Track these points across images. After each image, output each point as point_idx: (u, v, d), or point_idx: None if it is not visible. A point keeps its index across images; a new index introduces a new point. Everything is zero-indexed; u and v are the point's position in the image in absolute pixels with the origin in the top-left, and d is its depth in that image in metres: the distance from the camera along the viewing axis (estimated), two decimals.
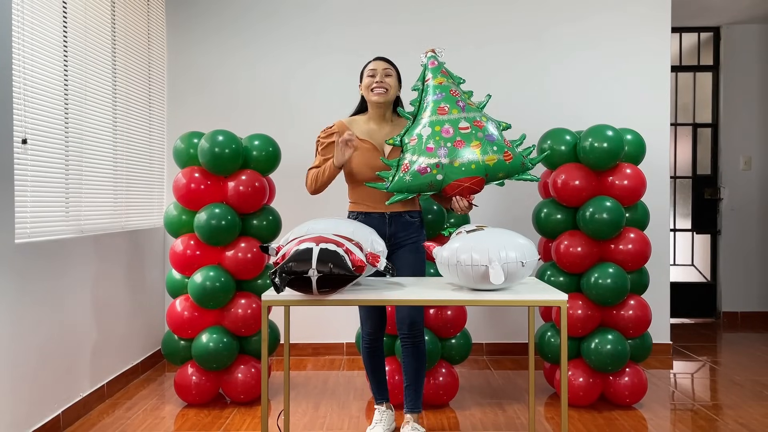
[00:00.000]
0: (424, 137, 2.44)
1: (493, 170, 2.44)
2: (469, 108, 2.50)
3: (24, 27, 2.59)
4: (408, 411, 2.71)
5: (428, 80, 2.56)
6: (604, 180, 3.14)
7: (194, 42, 4.17)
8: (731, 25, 5.28)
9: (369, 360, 2.79)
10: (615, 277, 3.03)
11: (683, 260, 5.50)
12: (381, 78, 2.63)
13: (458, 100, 2.50)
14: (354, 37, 4.15)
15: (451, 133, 2.43)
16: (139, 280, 3.74)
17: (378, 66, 2.65)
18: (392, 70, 2.67)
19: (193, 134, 3.26)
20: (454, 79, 2.58)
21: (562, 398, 2.03)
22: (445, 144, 2.41)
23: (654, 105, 4.14)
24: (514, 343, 4.19)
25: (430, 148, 2.41)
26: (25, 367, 2.56)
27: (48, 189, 2.78)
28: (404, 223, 2.68)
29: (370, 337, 2.76)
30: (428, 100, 2.52)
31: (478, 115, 2.49)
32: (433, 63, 2.59)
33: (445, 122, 2.45)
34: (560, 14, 4.15)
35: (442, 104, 2.48)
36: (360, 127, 2.69)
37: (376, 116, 2.69)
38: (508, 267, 2.03)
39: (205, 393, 3.15)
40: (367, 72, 2.67)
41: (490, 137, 2.45)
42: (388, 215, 2.65)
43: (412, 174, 2.42)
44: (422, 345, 2.69)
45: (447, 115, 2.46)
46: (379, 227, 2.63)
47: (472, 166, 2.41)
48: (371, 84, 2.63)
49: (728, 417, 3.01)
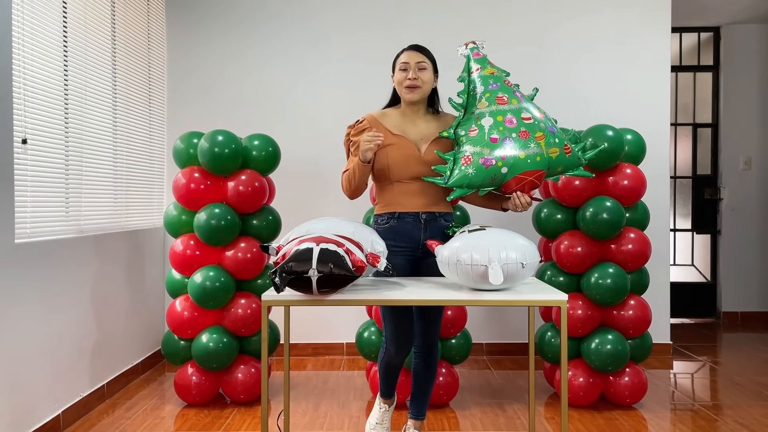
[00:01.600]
0: (486, 127, 2.26)
1: (554, 163, 2.31)
2: (526, 98, 2.37)
3: (24, 27, 2.59)
4: (412, 417, 2.65)
5: (476, 71, 2.40)
6: (604, 180, 3.14)
7: (194, 42, 4.17)
8: (731, 25, 5.28)
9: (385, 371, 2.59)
10: (615, 277, 3.03)
11: (683, 260, 5.50)
12: (414, 73, 2.37)
13: (514, 90, 2.36)
14: (355, 40, 4.15)
15: (515, 123, 2.27)
16: (139, 280, 3.74)
17: (410, 59, 2.39)
18: (427, 63, 2.40)
19: (193, 134, 3.26)
20: (502, 71, 2.44)
21: (562, 398, 2.03)
22: (510, 134, 2.24)
23: (654, 105, 4.14)
24: (514, 343, 4.19)
25: (494, 138, 2.24)
26: (25, 367, 2.56)
27: (48, 189, 2.78)
28: (439, 228, 2.44)
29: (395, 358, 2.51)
30: (481, 90, 2.35)
31: (533, 106, 2.34)
32: (477, 54, 2.45)
33: (507, 112, 2.29)
34: (560, 14, 4.15)
35: (500, 94, 2.32)
36: (392, 122, 2.43)
37: (411, 111, 2.45)
38: (508, 268, 2.03)
39: (205, 393, 3.15)
40: (399, 65, 2.41)
41: (551, 129, 2.32)
42: (424, 217, 2.40)
43: (475, 166, 2.24)
44: (435, 360, 2.59)
45: (507, 105, 2.30)
46: (413, 232, 2.41)
47: (537, 158, 2.26)
48: (403, 80, 2.38)
49: (728, 417, 3.01)
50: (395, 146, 2.37)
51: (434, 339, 2.57)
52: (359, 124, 2.44)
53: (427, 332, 2.54)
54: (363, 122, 2.44)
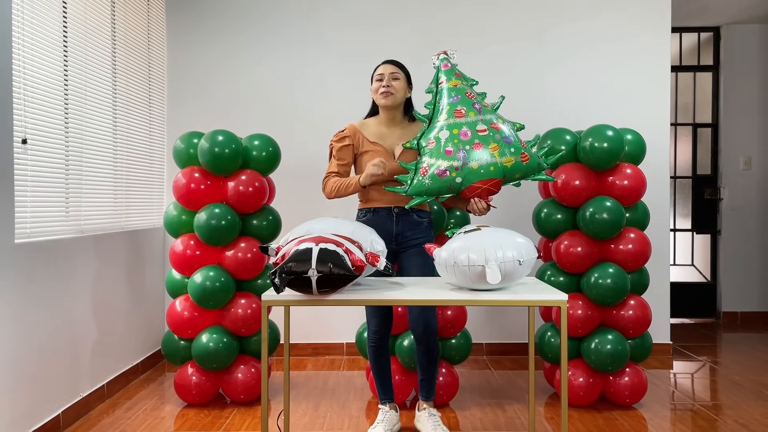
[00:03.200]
0: (442, 140, 2.44)
1: (510, 171, 2.45)
2: (485, 110, 2.50)
3: (24, 27, 2.60)
4: (423, 399, 2.83)
5: (442, 83, 2.56)
6: (604, 180, 3.14)
7: (194, 42, 4.17)
8: (731, 25, 5.28)
9: (374, 359, 2.80)
10: (615, 277, 3.03)
11: (683, 260, 5.50)
12: (388, 82, 2.66)
13: (474, 102, 2.50)
14: (354, 40, 4.16)
15: (469, 135, 2.43)
16: (139, 280, 3.74)
17: (385, 70, 2.69)
18: (400, 74, 2.70)
19: (193, 134, 3.27)
20: (468, 81, 2.58)
21: (562, 398, 2.03)
22: (463, 147, 2.41)
23: (654, 105, 4.14)
24: (514, 343, 4.19)
25: (448, 151, 2.42)
26: (25, 367, 2.56)
27: (48, 189, 2.78)
28: (412, 222, 2.71)
29: (376, 336, 2.76)
30: (444, 103, 2.52)
31: (494, 117, 2.49)
32: (446, 65, 2.59)
33: (463, 125, 2.45)
34: (560, 15, 4.15)
35: (459, 107, 2.48)
36: (371, 130, 2.73)
37: (387, 119, 2.73)
38: (505, 266, 2.03)
39: (205, 393, 3.15)
40: (375, 76, 2.71)
41: (506, 139, 2.46)
42: (396, 211, 2.68)
43: (431, 177, 2.43)
44: (435, 345, 2.74)
45: (464, 118, 2.46)
46: (387, 224, 2.68)
47: (491, 168, 2.42)
48: (378, 88, 2.68)
49: (728, 417, 3.01)
50: (371, 153, 2.69)
51: (430, 321, 2.70)
52: (340, 133, 2.75)
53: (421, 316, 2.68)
54: (344, 131, 2.75)
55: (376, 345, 2.78)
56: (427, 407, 2.80)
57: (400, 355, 3.08)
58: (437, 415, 2.78)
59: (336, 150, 2.72)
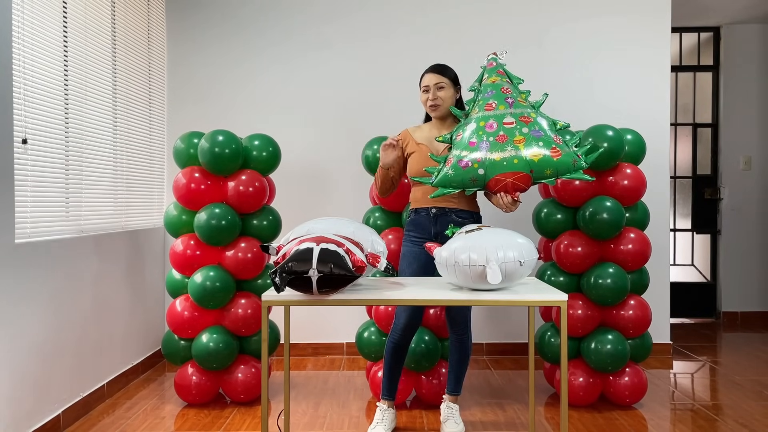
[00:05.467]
0: (468, 132, 2.46)
1: (538, 167, 2.37)
2: (518, 104, 2.47)
3: (24, 27, 2.59)
4: (449, 392, 2.88)
5: (484, 80, 2.60)
6: (604, 180, 3.14)
7: (194, 42, 4.17)
8: (731, 25, 5.28)
9: (393, 355, 2.76)
10: (615, 277, 3.03)
11: (683, 260, 5.50)
12: (434, 94, 2.72)
13: (507, 96, 2.49)
14: (355, 42, 4.15)
15: (495, 127, 2.42)
16: (139, 280, 3.74)
17: (430, 81, 2.73)
18: (444, 82, 2.72)
19: (193, 134, 3.27)
20: (511, 78, 2.59)
21: (562, 398, 2.03)
22: (487, 138, 2.40)
23: (654, 105, 4.14)
24: (514, 343, 4.19)
25: (472, 142, 2.43)
26: (25, 367, 2.56)
27: (48, 189, 2.78)
28: (449, 222, 2.71)
29: (402, 333, 2.73)
30: (479, 98, 2.55)
31: (527, 111, 2.45)
32: (491, 64, 2.63)
33: (490, 117, 2.45)
34: (560, 15, 4.15)
35: (491, 101, 2.49)
36: (423, 133, 2.80)
37: (438, 124, 2.80)
38: (506, 267, 2.03)
39: (205, 393, 3.15)
40: (422, 87, 2.76)
41: (536, 132, 2.39)
42: (433, 212, 2.71)
43: (453, 168, 2.43)
44: (467, 340, 2.82)
45: (493, 111, 2.46)
46: (426, 224, 2.73)
47: (515, 161, 2.36)
48: (426, 101, 2.75)
49: (728, 417, 3.01)
50: (416, 153, 2.74)
51: (465, 317, 2.78)
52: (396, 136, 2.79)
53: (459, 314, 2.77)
54: (398, 136, 2.79)
55: (398, 343, 2.75)
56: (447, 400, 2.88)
57: None
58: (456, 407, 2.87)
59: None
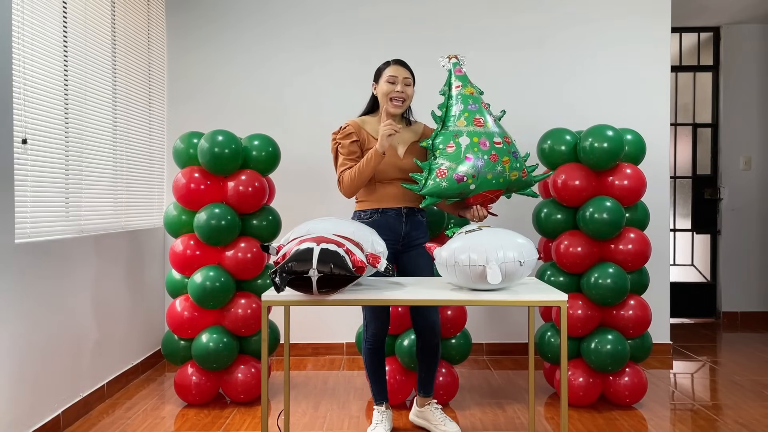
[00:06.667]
0: (462, 146, 2.50)
1: (512, 185, 2.60)
2: (498, 123, 2.62)
3: (24, 27, 2.59)
4: (424, 395, 2.83)
5: (458, 87, 2.61)
6: (604, 180, 3.14)
7: (194, 42, 4.17)
8: (731, 25, 5.28)
9: (371, 360, 2.79)
10: (615, 277, 3.03)
11: (683, 260, 5.50)
12: (402, 88, 2.61)
13: (489, 113, 2.60)
14: (354, 40, 4.15)
15: (488, 146, 2.52)
16: (139, 280, 3.74)
17: (399, 73, 2.62)
18: (411, 79, 2.66)
19: (193, 134, 3.27)
20: (479, 91, 2.66)
21: (562, 398, 2.03)
22: (482, 156, 2.50)
23: (654, 105, 4.14)
24: (514, 343, 4.19)
25: (468, 158, 2.49)
26: (25, 367, 2.56)
27: (48, 189, 2.78)
28: (417, 223, 2.73)
29: (375, 338, 2.75)
30: (459, 109, 2.58)
31: (504, 131, 2.61)
32: (459, 70, 2.65)
33: (482, 135, 2.53)
34: (560, 15, 4.15)
35: (477, 116, 2.57)
36: (374, 128, 2.68)
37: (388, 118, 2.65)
38: (506, 267, 2.03)
39: (205, 393, 3.15)
40: (386, 77, 2.62)
41: (515, 154, 2.59)
42: (405, 211, 2.67)
43: (449, 180, 2.49)
44: (438, 344, 2.77)
45: (483, 128, 2.55)
46: (395, 225, 2.67)
47: (501, 179, 2.54)
48: (390, 92, 2.61)
49: (728, 417, 3.01)
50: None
51: (434, 317, 2.72)
52: (344, 130, 2.67)
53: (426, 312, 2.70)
54: (347, 127, 2.67)
55: (374, 347, 2.77)
56: (431, 402, 2.83)
57: (400, 355, 3.08)
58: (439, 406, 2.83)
59: (344, 146, 2.65)
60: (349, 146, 2.64)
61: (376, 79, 2.69)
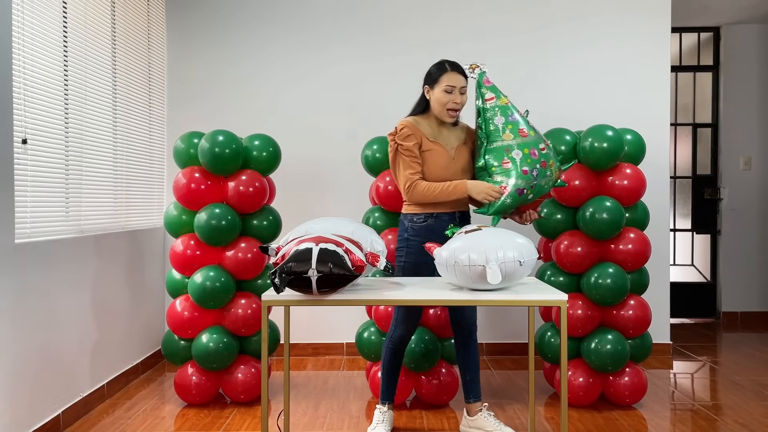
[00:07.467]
0: (517, 160, 2.53)
1: (556, 185, 2.70)
2: (535, 128, 2.64)
3: (24, 27, 2.59)
4: (475, 399, 2.78)
5: (491, 99, 2.61)
6: (604, 180, 3.14)
7: (194, 42, 4.17)
8: (731, 25, 5.28)
9: (391, 359, 2.76)
10: (615, 277, 3.03)
11: (683, 260, 5.50)
12: (460, 99, 2.60)
13: (528, 120, 2.63)
14: (353, 41, 4.15)
15: (537, 155, 2.56)
16: (139, 280, 3.74)
17: (457, 83, 2.58)
18: (466, 86, 2.63)
19: (193, 134, 3.27)
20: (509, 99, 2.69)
21: (562, 398, 2.03)
22: (536, 166, 2.55)
23: (654, 105, 4.14)
24: (514, 343, 4.19)
25: (525, 170, 2.53)
26: (25, 367, 2.56)
27: (48, 189, 2.78)
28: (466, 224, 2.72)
29: (401, 339, 2.72)
30: (501, 122, 2.58)
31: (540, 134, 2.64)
32: (487, 81, 2.65)
33: (530, 144, 2.56)
34: (560, 14, 4.15)
35: (521, 127, 2.59)
36: (426, 129, 2.64)
37: (438, 121, 2.67)
38: (506, 267, 2.03)
39: (205, 393, 3.15)
40: (443, 84, 2.58)
41: (554, 155, 2.64)
42: (458, 216, 2.68)
43: (512, 196, 2.53)
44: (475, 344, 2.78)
45: (528, 138, 2.57)
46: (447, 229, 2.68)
47: (551, 183, 2.62)
48: (447, 102, 2.59)
49: (728, 417, 3.01)
50: (433, 152, 2.61)
51: (472, 319, 2.74)
52: (402, 132, 2.60)
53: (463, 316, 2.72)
54: (404, 129, 2.60)
55: (397, 348, 2.74)
56: (482, 408, 2.77)
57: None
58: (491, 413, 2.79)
59: (407, 149, 2.57)
60: (412, 149, 2.58)
61: (430, 84, 2.63)
